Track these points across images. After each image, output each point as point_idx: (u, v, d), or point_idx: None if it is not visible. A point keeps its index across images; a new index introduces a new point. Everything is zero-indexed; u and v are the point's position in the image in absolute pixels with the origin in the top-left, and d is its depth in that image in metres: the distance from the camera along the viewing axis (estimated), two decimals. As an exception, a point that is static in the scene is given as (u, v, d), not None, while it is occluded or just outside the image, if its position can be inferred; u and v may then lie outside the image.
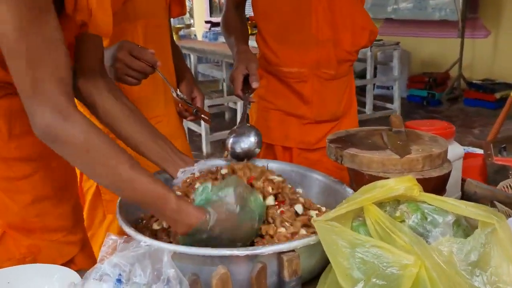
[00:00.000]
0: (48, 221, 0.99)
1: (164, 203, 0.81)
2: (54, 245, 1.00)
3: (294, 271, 0.82)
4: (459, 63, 5.69)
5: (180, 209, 0.81)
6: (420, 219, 0.76)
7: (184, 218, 0.81)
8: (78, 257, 1.05)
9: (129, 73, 1.14)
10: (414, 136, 1.13)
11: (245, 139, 1.22)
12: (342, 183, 1.08)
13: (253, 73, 1.30)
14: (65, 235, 1.02)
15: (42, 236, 0.98)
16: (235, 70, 1.33)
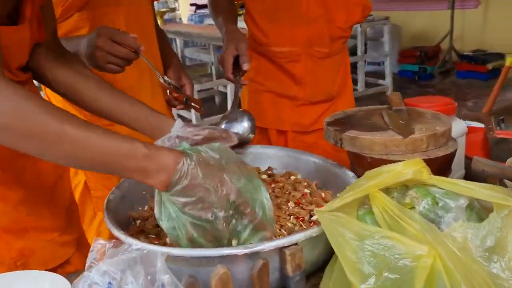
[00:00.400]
0: (42, 219, 0.93)
1: (131, 152, 0.67)
2: (48, 246, 0.94)
3: (297, 265, 0.77)
4: (450, 35, 5.62)
5: (152, 153, 0.68)
6: (431, 205, 0.71)
7: (159, 162, 0.68)
8: (74, 257, 1.00)
9: (111, 60, 1.06)
10: (415, 114, 1.07)
11: (238, 125, 1.16)
12: (342, 166, 1.03)
13: (244, 53, 1.23)
14: (60, 235, 0.96)
15: (37, 236, 0.93)
16: (224, 52, 1.26)
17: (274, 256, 0.77)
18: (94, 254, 0.65)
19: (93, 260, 0.65)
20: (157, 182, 0.69)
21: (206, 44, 5.58)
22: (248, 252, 0.74)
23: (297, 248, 0.76)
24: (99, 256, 0.65)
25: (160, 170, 0.69)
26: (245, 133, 1.16)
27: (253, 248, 0.74)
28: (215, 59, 5.14)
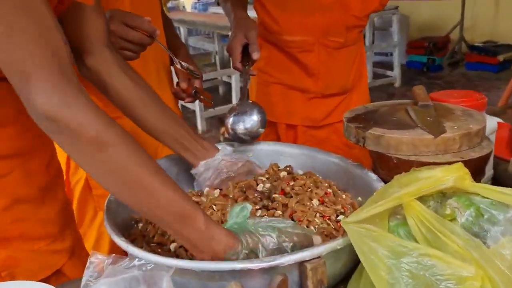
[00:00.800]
0: (28, 227, 0.84)
1: (190, 222, 0.66)
2: (35, 256, 0.85)
3: (319, 281, 0.69)
4: (460, 25, 5.48)
5: (209, 233, 0.66)
6: (474, 216, 0.62)
7: (211, 245, 0.67)
8: (68, 266, 0.91)
9: (125, 46, 0.97)
10: (444, 110, 0.98)
11: (247, 118, 1.07)
12: (363, 167, 0.94)
13: (253, 42, 1.14)
14: (49, 244, 0.87)
15: (21, 246, 0.84)
16: (232, 39, 1.17)
17: (293, 271, 0.69)
18: (90, 271, 0.57)
19: (89, 278, 0.56)
20: (199, 258, 0.69)
21: (210, 33, 5.46)
22: (265, 266, 0.66)
23: (320, 262, 0.68)
24: (96, 274, 0.56)
25: (208, 254, 0.67)
26: (255, 127, 1.07)
27: (270, 262, 0.66)
28: (219, 48, 5.03)
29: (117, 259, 0.57)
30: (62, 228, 0.91)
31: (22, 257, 0.83)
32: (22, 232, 0.84)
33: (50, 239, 0.88)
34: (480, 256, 0.57)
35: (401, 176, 0.69)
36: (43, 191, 0.87)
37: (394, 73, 5.09)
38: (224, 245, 0.67)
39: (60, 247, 0.89)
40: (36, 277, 0.84)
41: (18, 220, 0.83)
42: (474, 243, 0.59)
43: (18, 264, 0.83)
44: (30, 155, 0.84)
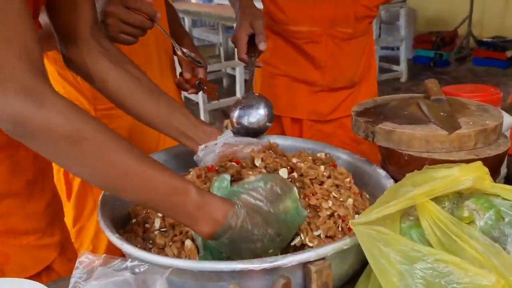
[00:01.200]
0: (14, 222, 0.80)
1: (183, 196, 0.63)
2: (24, 252, 0.82)
3: (324, 283, 0.65)
4: (469, 20, 5.39)
5: (204, 202, 0.64)
6: (494, 220, 0.58)
7: (209, 213, 0.64)
8: (57, 262, 0.87)
9: (124, 29, 0.92)
10: (458, 105, 0.93)
11: (254, 112, 1.02)
12: (372, 163, 0.89)
13: (260, 31, 1.09)
14: (37, 238, 0.84)
15: (8, 241, 0.80)
16: (238, 29, 1.12)
17: (296, 272, 0.65)
18: (79, 271, 0.53)
19: (78, 280, 0.52)
20: (202, 232, 0.65)
21: (215, 24, 5.40)
22: (266, 267, 0.62)
23: (325, 264, 0.64)
24: (86, 275, 0.52)
25: (207, 223, 0.64)
26: (261, 122, 1.02)
27: (272, 263, 0.62)
28: (224, 39, 4.97)
29: (108, 260, 0.53)
30: (51, 223, 0.88)
31: (11, 252, 0.80)
32: (9, 227, 0.80)
33: (38, 234, 0.84)
34: (501, 264, 0.53)
35: (414, 175, 0.64)
36: (31, 185, 0.83)
37: (400, 68, 5.02)
38: (223, 210, 0.64)
39: (49, 241, 0.86)
40: (27, 273, 0.81)
41: (4, 215, 0.79)
42: (494, 249, 0.54)
43: (8, 260, 0.79)
44: (17, 148, 0.81)
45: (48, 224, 0.86)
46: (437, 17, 5.95)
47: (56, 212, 0.91)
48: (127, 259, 0.55)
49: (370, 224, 0.59)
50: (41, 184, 0.86)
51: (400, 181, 0.66)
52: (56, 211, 0.91)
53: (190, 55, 1.04)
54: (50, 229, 0.87)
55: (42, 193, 0.86)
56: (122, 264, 0.53)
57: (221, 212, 0.64)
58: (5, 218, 0.79)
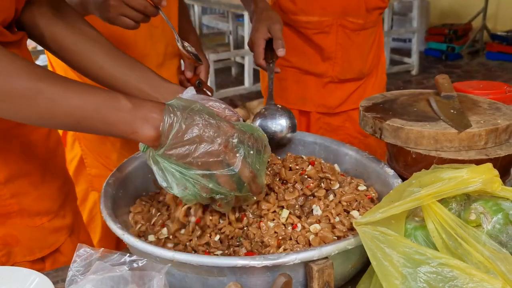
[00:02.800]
0: (27, 203, 0.80)
1: (113, 105, 0.62)
2: (35, 234, 0.82)
3: (326, 283, 0.64)
4: (484, 13, 5.28)
5: (136, 105, 0.62)
6: (503, 224, 0.56)
7: (145, 115, 0.62)
8: (66, 245, 0.87)
9: (125, 12, 0.89)
10: (469, 102, 0.91)
11: (274, 122, 0.98)
12: (380, 161, 0.87)
13: (278, 36, 1.05)
14: (50, 219, 0.83)
15: (22, 222, 0.80)
16: (255, 33, 1.08)
17: (298, 270, 0.64)
18: (77, 265, 0.52)
19: (75, 273, 0.52)
20: (146, 137, 0.62)
21: (224, 12, 5.35)
22: (268, 264, 0.61)
23: (327, 264, 0.63)
24: (83, 268, 0.52)
25: (147, 123, 0.62)
26: (283, 133, 0.98)
27: (274, 260, 0.61)
28: (233, 28, 4.92)
29: (106, 254, 0.52)
30: (63, 204, 0.87)
31: (22, 234, 0.80)
32: (22, 207, 0.80)
33: (51, 215, 0.84)
34: (507, 270, 0.51)
35: (421, 174, 0.63)
36: (43, 165, 0.83)
37: (411, 60, 4.95)
38: (157, 108, 0.62)
39: (60, 223, 0.86)
40: (33, 255, 0.81)
41: (18, 195, 0.79)
42: (501, 254, 0.53)
43: (18, 242, 0.79)
44: (28, 129, 0.80)
45: (60, 206, 0.86)
46: (451, 9, 5.84)
47: (68, 194, 0.91)
48: (125, 253, 0.54)
49: (374, 224, 0.57)
50: (53, 165, 0.85)
51: (407, 180, 0.65)
52: (68, 193, 0.91)
53: (190, 50, 1.01)
54: (62, 210, 0.87)
55: (54, 174, 0.86)
56: (120, 258, 0.52)
57: (156, 110, 0.62)
58: (18, 197, 0.79)
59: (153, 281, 0.47)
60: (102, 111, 0.61)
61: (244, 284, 0.61)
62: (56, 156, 0.88)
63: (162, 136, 0.62)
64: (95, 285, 0.47)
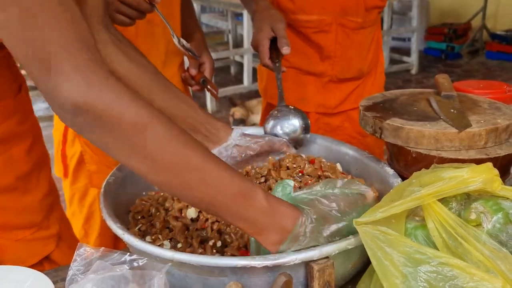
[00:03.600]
0: (9, 217, 0.80)
1: (250, 200, 0.58)
2: (21, 245, 0.81)
3: (326, 282, 0.64)
4: (483, 12, 5.29)
5: (272, 207, 0.58)
6: (503, 223, 0.56)
7: (276, 219, 0.58)
8: (56, 253, 0.87)
9: (121, 9, 0.89)
10: (469, 102, 0.91)
11: (287, 123, 0.98)
12: (380, 161, 0.88)
13: (282, 35, 1.04)
14: (33, 232, 0.83)
15: (4, 235, 0.80)
16: (258, 33, 1.07)
17: (299, 270, 0.64)
18: (77, 264, 0.52)
19: (76, 272, 0.52)
20: (267, 241, 0.60)
21: (224, 10, 5.35)
22: (268, 264, 0.61)
23: (328, 264, 0.63)
24: (84, 268, 0.52)
25: (275, 231, 0.59)
26: (297, 133, 0.97)
27: (274, 261, 0.61)
28: (232, 26, 4.92)
29: (106, 253, 0.52)
30: (47, 215, 0.87)
31: (8, 245, 0.80)
32: (4, 222, 0.80)
33: (34, 227, 0.84)
34: (507, 269, 0.51)
35: (421, 174, 0.63)
36: (25, 179, 0.82)
37: (411, 59, 4.95)
38: (291, 217, 0.59)
39: (45, 234, 0.85)
40: (24, 263, 0.81)
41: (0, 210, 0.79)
42: (501, 253, 0.53)
43: (5, 252, 0.79)
44: (11, 143, 0.79)
45: (44, 217, 0.86)
46: (451, 8, 5.85)
47: (52, 204, 0.90)
48: (125, 253, 0.54)
49: (374, 224, 0.57)
50: (36, 178, 0.85)
51: (407, 179, 0.65)
52: (52, 202, 0.90)
53: (186, 45, 1.01)
54: (46, 221, 0.86)
55: (38, 186, 0.85)
56: (120, 258, 0.52)
57: (289, 220, 0.59)
58: (1, 213, 0.78)
59: (153, 280, 0.47)
60: (237, 202, 0.58)
61: (245, 284, 0.61)
62: (40, 168, 0.87)
63: (282, 245, 0.60)
64: (96, 284, 0.48)
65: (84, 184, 1.17)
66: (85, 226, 1.18)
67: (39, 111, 3.89)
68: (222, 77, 4.70)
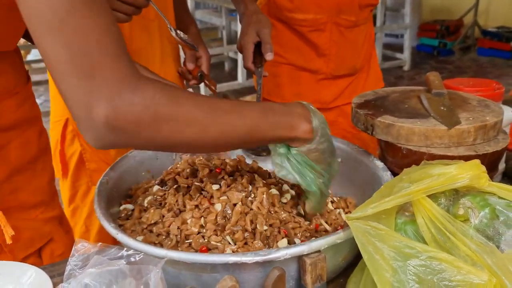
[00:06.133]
0: (24, 197, 0.84)
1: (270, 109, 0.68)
2: (33, 225, 0.85)
3: (318, 276, 0.66)
4: (475, 9, 5.33)
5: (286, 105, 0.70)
6: (489, 218, 0.58)
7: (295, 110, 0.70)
8: (59, 235, 0.91)
9: (116, 6, 0.90)
10: (459, 99, 0.93)
11: None
12: (370, 154, 0.89)
13: (267, 40, 1.06)
14: (43, 211, 0.88)
15: (20, 216, 0.83)
16: (243, 37, 1.09)
17: (291, 265, 0.65)
18: (75, 259, 0.53)
19: (74, 267, 0.53)
20: (304, 130, 0.70)
21: (218, 7, 5.34)
22: (259, 260, 0.62)
23: (320, 257, 0.64)
24: (81, 263, 0.53)
25: (302, 119, 0.69)
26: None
27: (264, 256, 0.62)
28: (226, 23, 4.92)
29: (103, 248, 0.53)
30: (52, 196, 0.91)
31: (21, 227, 0.82)
32: (20, 202, 0.83)
33: (43, 207, 0.88)
34: (493, 263, 0.53)
35: (411, 171, 0.64)
36: (35, 161, 0.86)
37: (403, 56, 4.98)
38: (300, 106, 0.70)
39: (52, 214, 0.90)
40: (34, 246, 0.85)
41: (15, 191, 0.82)
42: (488, 247, 0.54)
43: (19, 234, 0.81)
44: (25, 127, 0.84)
45: (51, 198, 0.90)
46: (443, 5, 5.89)
47: (54, 188, 0.94)
48: (122, 248, 0.55)
49: (365, 219, 0.59)
50: (43, 160, 0.89)
51: (397, 175, 0.67)
52: (54, 186, 0.94)
53: (183, 38, 1.01)
54: (52, 202, 0.91)
55: (45, 169, 0.89)
56: (117, 253, 0.53)
57: (301, 107, 0.70)
58: (15, 193, 0.82)
59: (150, 274, 0.48)
60: (268, 117, 0.67)
61: (237, 280, 0.62)
62: (46, 153, 0.92)
63: (314, 131, 0.70)
64: (94, 278, 0.49)
65: (85, 182, 1.18)
66: (86, 222, 1.20)
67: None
68: (216, 74, 4.69)
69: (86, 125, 0.52)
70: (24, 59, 4.84)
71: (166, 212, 0.76)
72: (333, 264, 0.70)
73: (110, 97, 0.51)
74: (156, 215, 0.76)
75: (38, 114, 0.90)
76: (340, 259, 0.71)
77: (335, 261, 0.70)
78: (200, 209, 0.75)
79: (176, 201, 0.77)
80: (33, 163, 0.86)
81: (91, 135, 0.53)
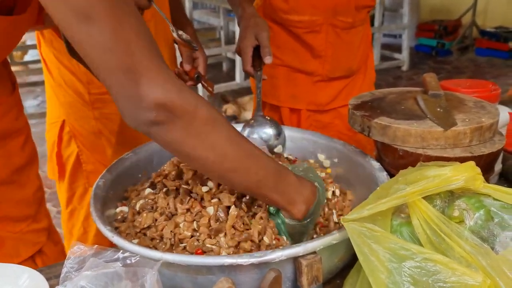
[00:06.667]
0: (7, 209, 0.82)
1: (285, 177, 0.70)
2: (18, 237, 0.84)
3: (314, 277, 0.66)
4: (473, 9, 5.33)
5: (300, 183, 0.72)
6: (484, 220, 0.58)
7: (304, 195, 0.72)
8: (47, 246, 0.90)
9: None
10: (455, 101, 0.93)
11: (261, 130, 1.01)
12: (366, 155, 0.90)
13: (265, 44, 1.06)
14: (28, 224, 0.86)
15: (4, 228, 0.82)
16: (242, 40, 1.09)
17: (287, 266, 0.65)
18: (71, 262, 0.53)
19: (70, 269, 0.53)
20: (297, 212, 0.72)
21: (215, 7, 5.34)
22: (254, 262, 0.62)
23: (316, 259, 0.65)
24: (77, 265, 0.53)
25: (304, 202, 0.72)
26: (271, 141, 1.01)
27: (260, 258, 0.62)
28: (224, 23, 4.92)
29: (99, 251, 0.53)
30: (38, 209, 0.90)
31: (6, 238, 0.82)
32: (3, 214, 0.82)
33: (28, 220, 0.86)
34: (488, 264, 0.53)
35: (407, 172, 0.65)
36: (20, 173, 0.85)
37: (402, 56, 4.99)
38: (312, 191, 0.73)
39: (38, 227, 0.88)
40: (20, 257, 0.83)
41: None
42: (482, 249, 0.55)
43: (3, 245, 0.80)
44: (9, 138, 0.82)
45: (36, 211, 0.88)
46: (441, 5, 5.89)
47: (42, 199, 0.93)
48: (118, 250, 0.55)
49: (361, 221, 0.59)
50: (28, 172, 0.87)
51: (393, 177, 0.67)
52: (41, 197, 0.93)
53: (185, 38, 1.02)
54: (38, 214, 0.89)
55: (30, 180, 0.88)
56: (113, 255, 0.53)
57: (312, 194, 0.73)
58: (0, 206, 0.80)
59: (146, 277, 0.48)
60: (278, 179, 0.69)
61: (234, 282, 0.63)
62: (31, 164, 0.90)
63: (308, 213, 0.73)
64: (90, 281, 0.49)
65: (82, 184, 1.18)
66: (84, 224, 1.19)
67: (30, 108, 3.87)
68: (214, 74, 4.69)
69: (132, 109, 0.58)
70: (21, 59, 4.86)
71: (158, 216, 0.76)
72: (329, 265, 0.70)
73: (161, 85, 0.57)
74: (149, 219, 0.75)
75: (24, 124, 0.88)
76: (336, 260, 0.71)
77: (331, 262, 0.70)
78: (192, 213, 0.74)
79: (167, 204, 0.77)
80: (17, 174, 0.85)
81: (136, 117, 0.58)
